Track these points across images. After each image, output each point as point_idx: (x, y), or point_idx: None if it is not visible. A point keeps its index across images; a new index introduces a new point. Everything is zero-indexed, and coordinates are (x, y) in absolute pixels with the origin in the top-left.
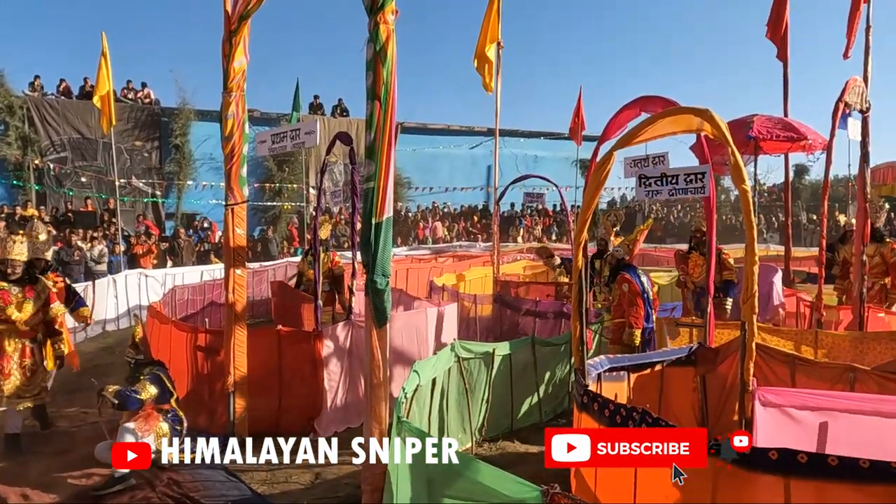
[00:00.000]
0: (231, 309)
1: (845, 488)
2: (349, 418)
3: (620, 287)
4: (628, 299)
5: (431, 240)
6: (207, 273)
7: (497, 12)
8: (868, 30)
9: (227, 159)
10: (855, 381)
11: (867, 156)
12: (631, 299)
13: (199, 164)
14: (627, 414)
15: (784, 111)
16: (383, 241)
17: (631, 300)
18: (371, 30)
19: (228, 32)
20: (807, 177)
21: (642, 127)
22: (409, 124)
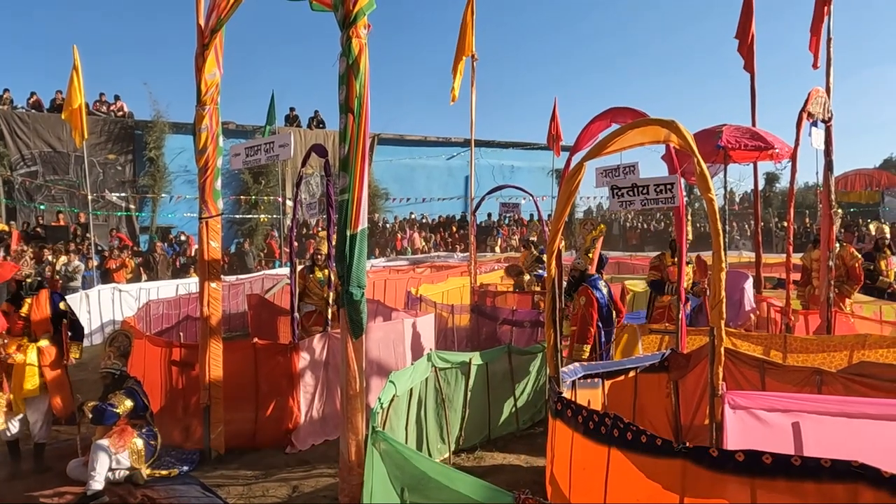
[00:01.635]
0: (206, 322)
1: (808, 488)
2: (327, 431)
3: (578, 300)
4: (581, 314)
5: (410, 251)
6: (183, 287)
7: (471, 25)
8: (829, 42)
9: (202, 172)
10: (822, 384)
11: (831, 164)
12: (584, 314)
13: (174, 176)
14: (600, 420)
15: (752, 121)
16: (358, 252)
17: (584, 315)
18: (344, 44)
19: (201, 46)
20: (777, 185)
21: (612, 138)
22: (385, 135)
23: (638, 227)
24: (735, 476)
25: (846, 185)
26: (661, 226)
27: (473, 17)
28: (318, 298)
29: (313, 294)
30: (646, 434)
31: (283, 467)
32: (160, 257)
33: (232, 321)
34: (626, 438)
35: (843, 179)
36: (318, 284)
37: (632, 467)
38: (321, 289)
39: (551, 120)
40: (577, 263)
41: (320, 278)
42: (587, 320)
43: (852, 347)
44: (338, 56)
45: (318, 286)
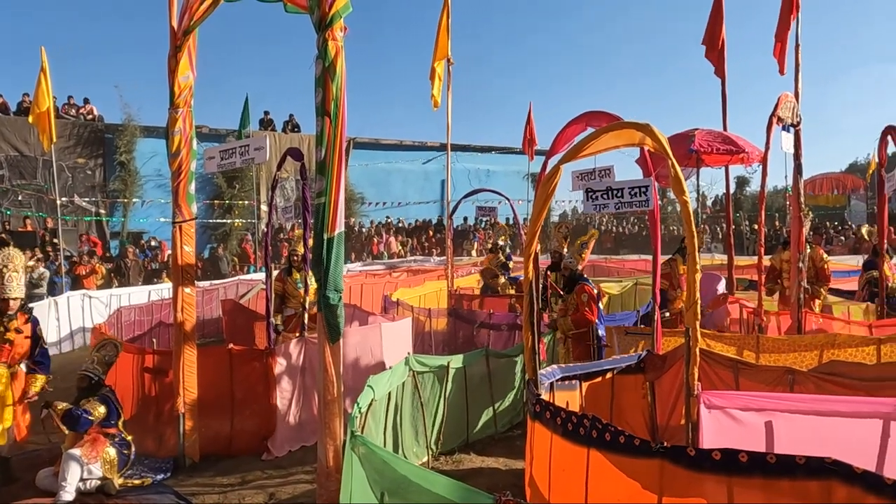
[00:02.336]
0: (180, 328)
1: (784, 485)
2: (304, 436)
3: (580, 297)
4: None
5: (386, 255)
6: (155, 293)
7: (447, 29)
8: (797, 48)
9: (175, 176)
10: (794, 383)
11: (800, 167)
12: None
13: (146, 181)
14: (578, 421)
15: (723, 125)
16: (335, 256)
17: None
18: (320, 46)
19: (174, 48)
20: (748, 188)
21: (587, 141)
22: (361, 139)
23: (613, 231)
24: (712, 475)
25: (814, 189)
26: (636, 229)
27: (449, 21)
28: (297, 301)
29: (292, 297)
30: (624, 434)
31: (260, 474)
32: (132, 263)
33: (206, 327)
34: (604, 439)
35: (811, 183)
36: (296, 287)
37: (611, 467)
38: (299, 291)
39: (526, 124)
40: (570, 262)
41: (298, 280)
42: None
43: (822, 347)
44: (314, 59)
45: (296, 288)
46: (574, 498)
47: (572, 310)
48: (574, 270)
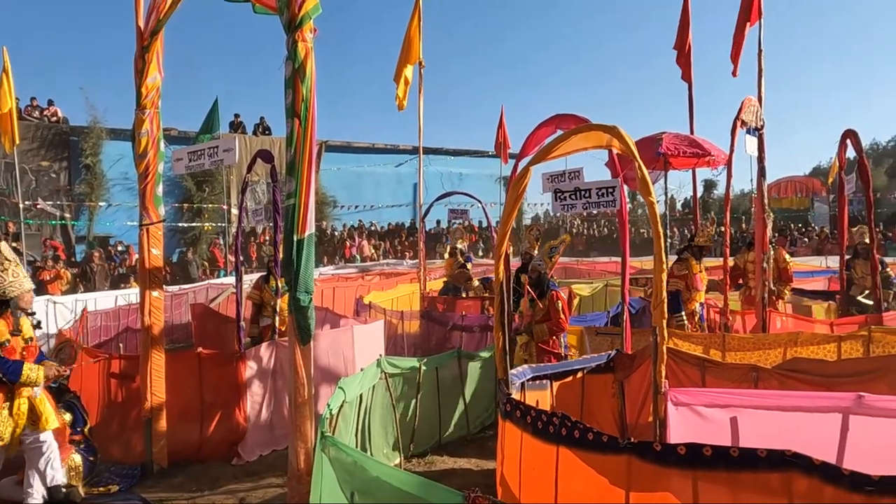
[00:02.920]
0: (147, 332)
1: (746, 477)
2: (275, 440)
3: (553, 304)
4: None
5: (359, 258)
6: (122, 298)
7: (418, 32)
8: (760, 53)
9: (142, 178)
10: (758, 380)
11: (764, 170)
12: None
13: (113, 184)
14: (548, 419)
15: (690, 129)
16: (305, 257)
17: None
18: (289, 47)
19: (141, 48)
20: (715, 191)
21: (556, 143)
22: (333, 143)
23: (584, 234)
24: (677, 469)
25: (778, 192)
26: (606, 231)
27: (420, 24)
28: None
29: (269, 305)
30: (592, 431)
31: (230, 479)
32: (98, 267)
33: (175, 332)
34: (573, 436)
35: (776, 186)
36: (273, 295)
37: (580, 464)
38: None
39: (498, 128)
40: (539, 265)
41: (273, 287)
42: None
43: (786, 345)
44: (283, 60)
45: (273, 297)
46: (544, 495)
47: (541, 316)
48: (542, 274)
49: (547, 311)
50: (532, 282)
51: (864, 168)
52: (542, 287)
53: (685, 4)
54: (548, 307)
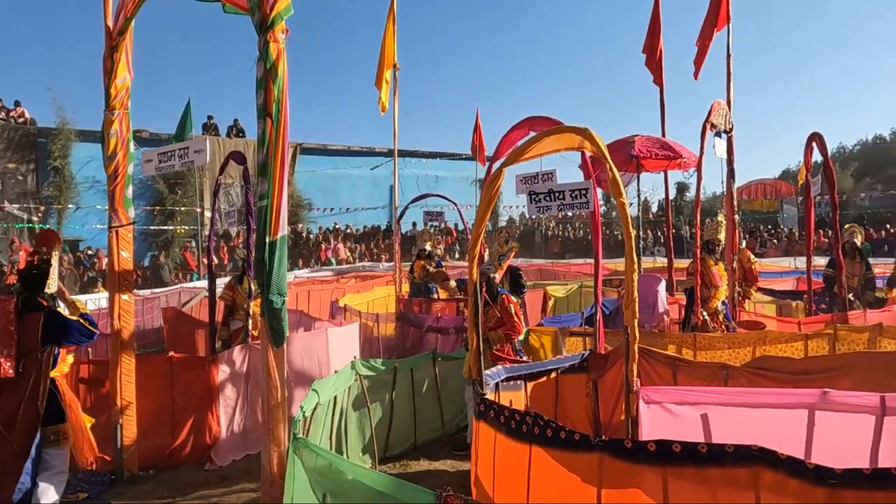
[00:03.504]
0: (117, 336)
1: (714, 473)
2: (248, 445)
3: (506, 308)
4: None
5: (334, 261)
6: (92, 302)
7: (393, 35)
8: (728, 58)
9: (111, 179)
10: (728, 378)
11: (733, 172)
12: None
13: (82, 187)
14: (521, 419)
15: (662, 132)
16: (278, 259)
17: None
18: (261, 48)
19: (109, 48)
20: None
21: (529, 145)
22: (308, 145)
23: (559, 236)
24: (648, 465)
25: (748, 194)
26: (581, 234)
27: (395, 26)
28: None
29: (241, 308)
30: (565, 430)
31: (202, 485)
32: (66, 271)
33: (147, 337)
34: (546, 435)
35: (746, 189)
36: (245, 298)
37: (553, 462)
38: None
39: (474, 130)
40: (487, 270)
41: (247, 290)
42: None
43: (755, 343)
44: (255, 60)
45: (246, 299)
46: (517, 494)
47: (494, 322)
48: (491, 280)
49: (500, 317)
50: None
51: (830, 170)
52: (493, 293)
53: (655, 10)
54: (500, 312)
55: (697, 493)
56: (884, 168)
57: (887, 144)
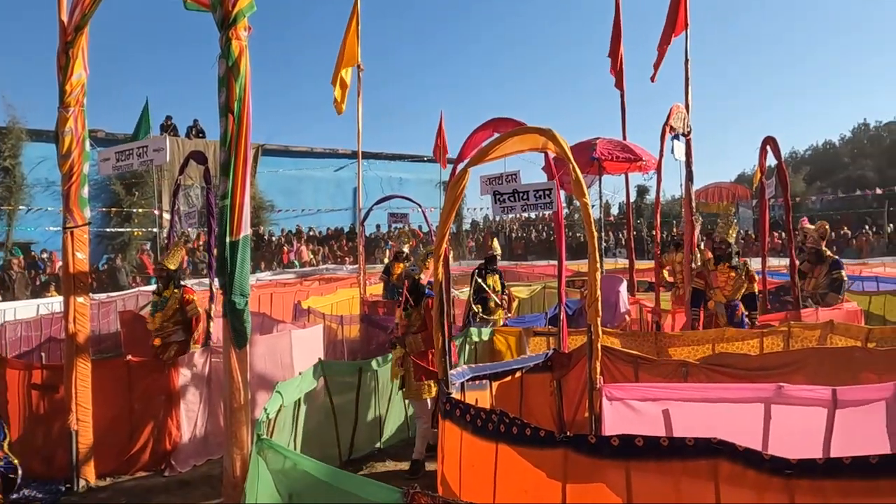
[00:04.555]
0: (72, 340)
1: (675, 466)
2: (210, 450)
3: (430, 312)
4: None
5: (297, 264)
6: (45, 307)
7: (356, 35)
8: (687, 62)
9: (66, 179)
10: (688, 374)
11: (691, 174)
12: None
13: (34, 188)
14: (487, 417)
15: (623, 135)
16: (240, 259)
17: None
18: (223, 45)
19: (64, 44)
20: (648, 196)
21: (493, 145)
22: (270, 146)
23: (522, 238)
24: (611, 460)
25: (706, 197)
26: (544, 236)
27: (359, 27)
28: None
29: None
30: (530, 427)
31: (162, 491)
32: (17, 275)
33: (104, 342)
34: (512, 433)
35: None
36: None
37: (518, 459)
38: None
39: (438, 132)
40: (412, 271)
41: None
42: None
43: (713, 341)
44: (216, 58)
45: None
46: (484, 492)
47: (417, 326)
48: (416, 280)
49: (423, 321)
50: (407, 289)
51: (783, 173)
52: (418, 294)
53: (616, 16)
54: (424, 316)
55: (660, 485)
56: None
57: (837, 150)
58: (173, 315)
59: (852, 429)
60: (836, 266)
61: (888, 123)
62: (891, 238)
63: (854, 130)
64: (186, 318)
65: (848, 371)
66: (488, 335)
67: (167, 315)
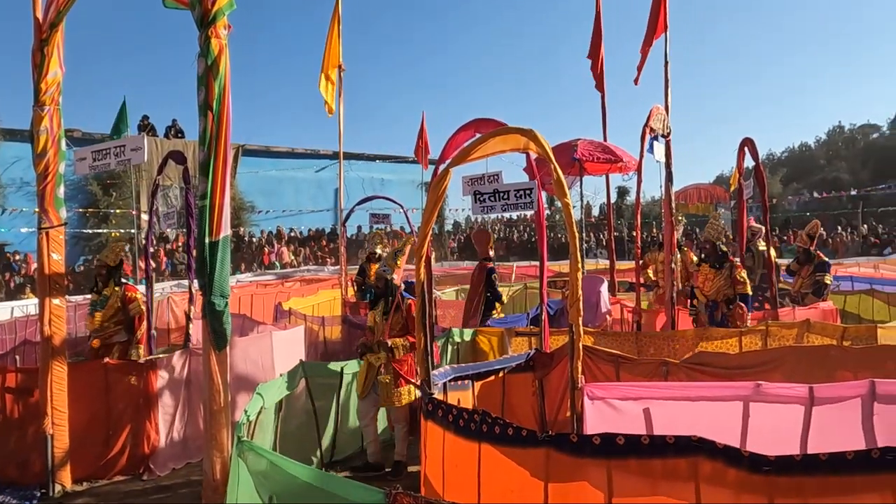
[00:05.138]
0: (48, 343)
1: (656, 464)
2: (189, 453)
3: (412, 314)
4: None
5: (278, 265)
6: (19, 309)
7: (338, 36)
8: (666, 65)
9: (41, 179)
10: (668, 373)
11: (671, 175)
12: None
13: (8, 188)
14: (469, 417)
15: (603, 136)
16: (220, 260)
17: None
18: (202, 44)
19: (39, 41)
20: (628, 197)
21: (475, 145)
22: (250, 146)
23: (504, 239)
24: (593, 459)
25: (685, 199)
26: (526, 237)
27: (340, 27)
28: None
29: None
30: (513, 427)
31: (140, 496)
32: None
33: (79, 344)
34: (494, 432)
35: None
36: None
37: (501, 459)
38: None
39: (419, 133)
40: (383, 272)
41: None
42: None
43: (693, 340)
44: (196, 56)
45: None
46: (468, 491)
47: (398, 329)
48: (389, 281)
49: (405, 324)
50: (380, 291)
51: (760, 173)
52: (389, 294)
53: (597, 18)
54: (405, 318)
55: (641, 484)
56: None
57: (812, 152)
58: (115, 314)
59: (829, 426)
60: (822, 268)
61: (862, 126)
62: (865, 238)
63: (829, 133)
64: (129, 317)
65: (824, 369)
66: (470, 335)
67: (108, 314)
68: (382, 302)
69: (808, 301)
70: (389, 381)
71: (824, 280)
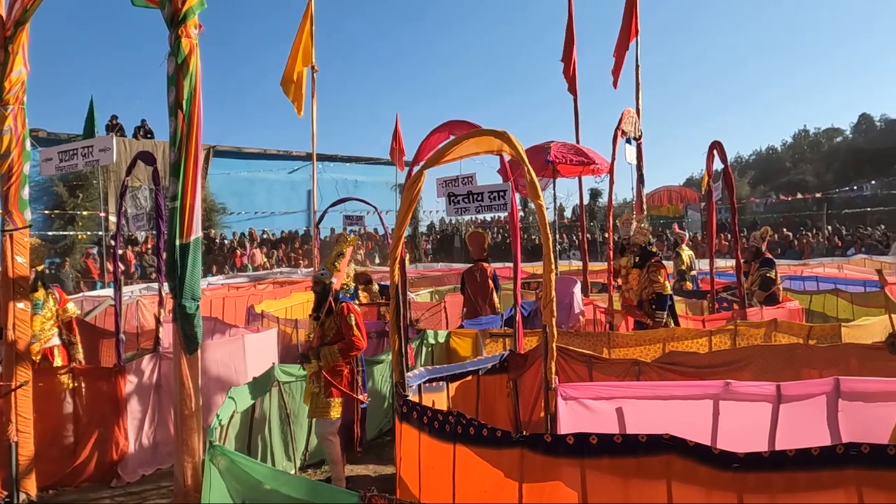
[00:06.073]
0: (12, 348)
1: (629, 463)
2: (159, 459)
3: (345, 319)
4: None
5: (251, 267)
6: None
7: (310, 35)
8: (637, 69)
9: (5, 179)
10: (640, 373)
11: (642, 177)
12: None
13: None
14: (444, 419)
15: (576, 138)
16: (191, 262)
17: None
18: (172, 43)
19: (3, 39)
20: (600, 199)
21: (449, 147)
22: (222, 147)
23: None
24: (567, 458)
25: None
26: (500, 238)
27: (312, 27)
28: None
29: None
30: (487, 428)
31: (109, 502)
32: None
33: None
34: (469, 434)
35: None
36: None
37: (476, 460)
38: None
39: (394, 135)
40: (322, 276)
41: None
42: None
43: (664, 340)
44: (166, 56)
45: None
46: (443, 492)
47: (332, 335)
48: (327, 286)
49: (338, 330)
50: (319, 297)
51: (729, 176)
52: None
53: (569, 22)
54: (339, 324)
55: (614, 482)
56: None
57: (779, 155)
58: (52, 317)
59: (796, 422)
60: (765, 264)
61: (826, 130)
62: (829, 240)
63: (795, 136)
64: (67, 319)
65: (791, 367)
66: (444, 337)
67: (47, 317)
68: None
69: (756, 297)
70: (319, 391)
71: (767, 274)
